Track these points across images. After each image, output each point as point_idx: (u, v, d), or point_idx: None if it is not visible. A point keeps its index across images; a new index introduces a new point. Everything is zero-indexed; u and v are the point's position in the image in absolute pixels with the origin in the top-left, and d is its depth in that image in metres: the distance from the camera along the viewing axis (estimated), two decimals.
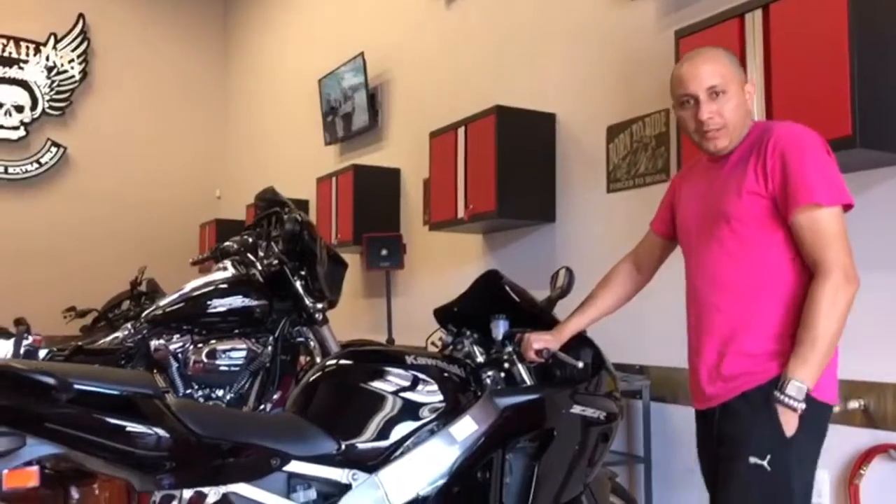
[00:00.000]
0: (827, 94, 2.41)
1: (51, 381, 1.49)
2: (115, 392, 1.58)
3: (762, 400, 1.78)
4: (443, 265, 4.86)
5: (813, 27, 2.48)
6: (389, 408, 1.91)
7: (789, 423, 1.76)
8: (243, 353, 3.08)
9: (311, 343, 3.21)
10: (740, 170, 1.87)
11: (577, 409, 2.11)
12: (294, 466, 1.75)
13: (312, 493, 1.78)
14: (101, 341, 3.39)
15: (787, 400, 1.74)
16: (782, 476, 1.77)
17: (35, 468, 1.52)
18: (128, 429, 1.55)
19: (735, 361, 1.85)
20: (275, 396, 3.12)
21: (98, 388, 1.56)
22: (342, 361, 2.06)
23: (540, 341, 2.12)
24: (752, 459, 1.78)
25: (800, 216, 1.78)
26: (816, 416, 1.79)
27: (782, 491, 1.78)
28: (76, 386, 1.52)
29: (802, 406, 1.74)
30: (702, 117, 1.86)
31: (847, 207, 1.81)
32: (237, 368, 3.07)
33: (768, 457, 1.76)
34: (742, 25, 2.69)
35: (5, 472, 1.49)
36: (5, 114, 7.69)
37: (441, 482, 1.87)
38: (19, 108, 7.75)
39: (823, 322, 1.73)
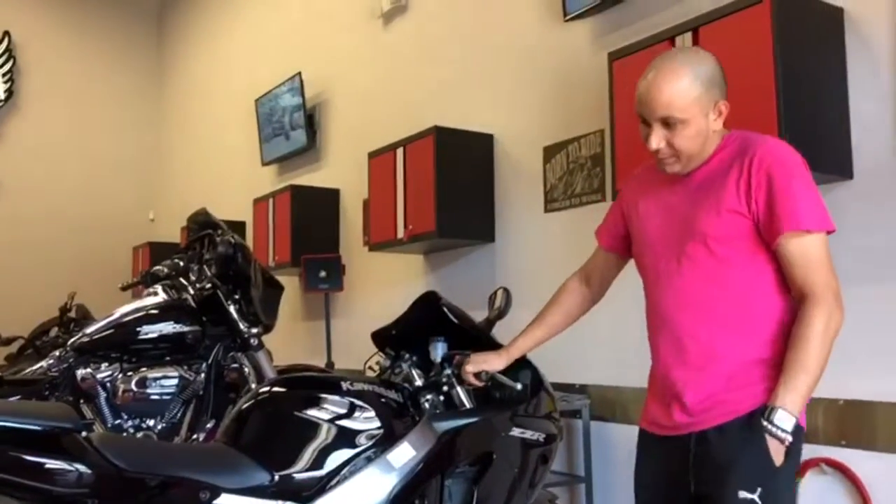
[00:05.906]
0: (754, 116, 2.46)
1: None
2: (35, 427, 1.51)
3: (747, 429, 1.68)
4: (383, 286, 4.82)
5: (740, 50, 2.54)
6: (324, 436, 1.86)
7: (778, 454, 1.66)
8: (175, 381, 2.98)
9: (247, 369, 3.11)
10: (718, 184, 1.73)
11: (516, 432, 2.10)
12: (224, 500, 1.69)
13: None
14: (25, 371, 3.25)
15: (775, 430, 1.63)
16: None
17: None
18: (47, 466, 1.48)
19: (715, 389, 1.73)
20: (209, 425, 3.02)
21: (15, 423, 1.48)
22: (275, 389, 2.00)
23: (475, 364, 2.06)
24: (742, 494, 1.66)
25: (788, 242, 1.67)
26: (797, 441, 1.70)
27: None
28: None
29: (790, 438, 1.63)
30: (650, 146, 1.75)
31: (829, 233, 1.71)
32: (169, 397, 2.97)
33: (759, 490, 1.66)
34: (673, 47, 2.74)
35: None
36: None
37: None
38: None
39: (816, 349, 1.63)
